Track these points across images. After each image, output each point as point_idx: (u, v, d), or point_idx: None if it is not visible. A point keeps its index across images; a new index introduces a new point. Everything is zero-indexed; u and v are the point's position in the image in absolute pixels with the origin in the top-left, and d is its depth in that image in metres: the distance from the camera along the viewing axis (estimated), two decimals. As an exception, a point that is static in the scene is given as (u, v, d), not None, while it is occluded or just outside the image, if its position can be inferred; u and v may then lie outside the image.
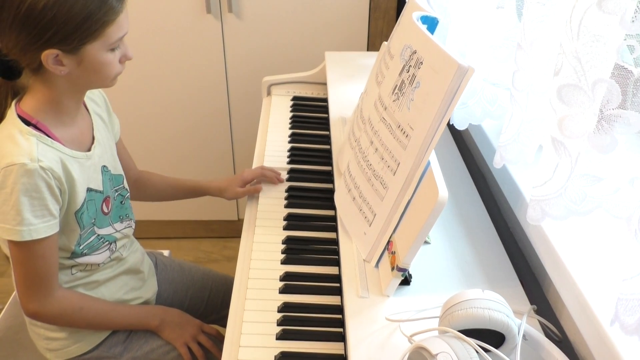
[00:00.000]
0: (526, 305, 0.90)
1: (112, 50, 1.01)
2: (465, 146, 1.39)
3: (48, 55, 0.95)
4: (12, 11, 0.92)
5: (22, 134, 0.99)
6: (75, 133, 1.08)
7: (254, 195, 1.31)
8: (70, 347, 1.18)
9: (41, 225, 1.00)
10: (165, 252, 1.55)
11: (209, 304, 1.44)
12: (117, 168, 1.20)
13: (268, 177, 1.33)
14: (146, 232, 2.38)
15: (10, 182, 0.96)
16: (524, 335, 0.79)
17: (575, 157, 0.69)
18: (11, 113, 1.02)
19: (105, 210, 1.15)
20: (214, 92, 2.11)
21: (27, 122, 1.00)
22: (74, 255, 1.11)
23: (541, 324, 0.87)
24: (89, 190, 1.09)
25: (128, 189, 1.24)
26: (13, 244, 1.01)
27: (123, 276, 1.24)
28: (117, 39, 1.00)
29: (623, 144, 0.65)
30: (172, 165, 2.26)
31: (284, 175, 1.36)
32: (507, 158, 0.91)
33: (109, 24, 0.97)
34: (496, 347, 0.75)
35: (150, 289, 1.31)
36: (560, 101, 0.69)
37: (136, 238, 1.33)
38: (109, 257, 1.18)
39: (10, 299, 1.36)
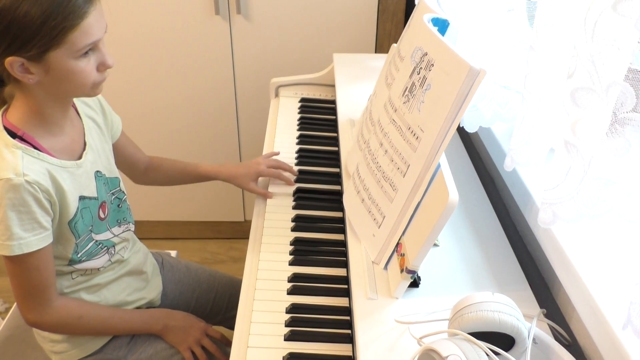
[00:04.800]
0: (535, 309, 0.89)
1: (83, 57, 0.95)
2: (474, 149, 1.38)
3: (12, 63, 0.92)
4: None
5: (8, 147, 0.97)
6: (65, 142, 1.06)
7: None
8: (73, 349, 1.18)
9: (32, 239, 0.99)
10: (173, 253, 1.55)
11: (215, 305, 1.43)
12: (112, 171, 1.18)
13: (284, 179, 1.34)
14: (152, 232, 2.39)
15: None
16: (533, 339, 0.79)
17: (589, 160, 0.69)
18: None
19: (102, 215, 1.14)
20: (221, 93, 2.12)
21: (13, 134, 0.99)
22: (72, 262, 1.11)
23: (550, 327, 0.86)
24: (82, 198, 1.07)
25: (125, 192, 1.23)
26: (6, 258, 1.00)
27: (125, 278, 1.23)
28: (83, 46, 0.94)
29: (637, 147, 0.65)
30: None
31: (292, 176, 1.36)
32: (518, 161, 0.91)
33: (72, 29, 0.91)
34: (506, 351, 0.75)
35: (154, 289, 1.31)
36: (574, 104, 0.69)
37: (142, 239, 1.33)
38: (109, 260, 1.17)
39: (18, 298, 1.36)
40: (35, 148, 1.00)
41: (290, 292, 1.04)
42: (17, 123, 1.00)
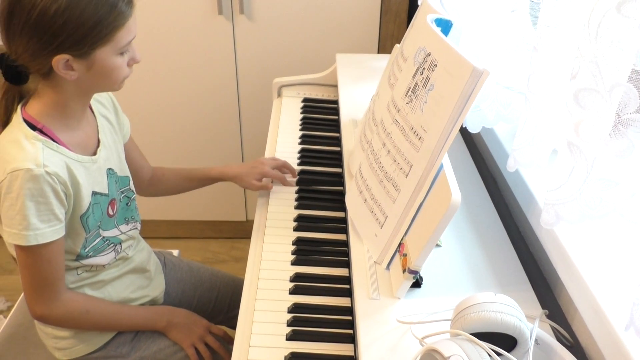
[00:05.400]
0: (537, 310, 0.89)
1: (121, 54, 1.01)
2: (477, 149, 1.38)
3: (59, 61, 0.95)
4: (22, 17, 0.92)
5: (28, 138, 0.99)
6: (81, 137, 1.08)
7: (264, 195, 1.31)
8: (77, 346, 1.18)
9: (47, 230, 1.00)
10: (175, 252, 1.55)
11: (217, 304, 1.44)
12: (123, 170, 1.20)
13: (287, 184, 1.34)
14: (155, 231, 2.39)
15: (16, 187, 0.96)
16: (535, 340, 0.79)
17: (592, 161, 0.69)
18: (17, 117, 1.02)
19: (111, 212, 1.15)
20: (224, 93, 2.12)
21: (32, 127, 1.00)
22: (79, 257, 1.11)
23: (553, 328, 0.86)
24: (94, 193, 1.09)
25: (134, 190, 1.24)
26: (20, 248, 1.01)
27: (129, 275, 1.24)
28: (126, 43, 1.00)
29: (640, 149, 0.65)
30: (181, 166, 2.26)
31: (293, 180, 1.36)
32: (521, 162, 0.91)
33: (119, 28, 0.98)
34: (508, 351, 0.75)
35: (157, 288, 1.31)
36: (577, 105, 0.69)
37: (145, 237, 1.33)
38: (114, 257, 1.18)
39: (20, 297, 1.36)
40: (54, 141, 1.02)
41: (293, 291, 1.04)
42: (36, 116, 1.02)
